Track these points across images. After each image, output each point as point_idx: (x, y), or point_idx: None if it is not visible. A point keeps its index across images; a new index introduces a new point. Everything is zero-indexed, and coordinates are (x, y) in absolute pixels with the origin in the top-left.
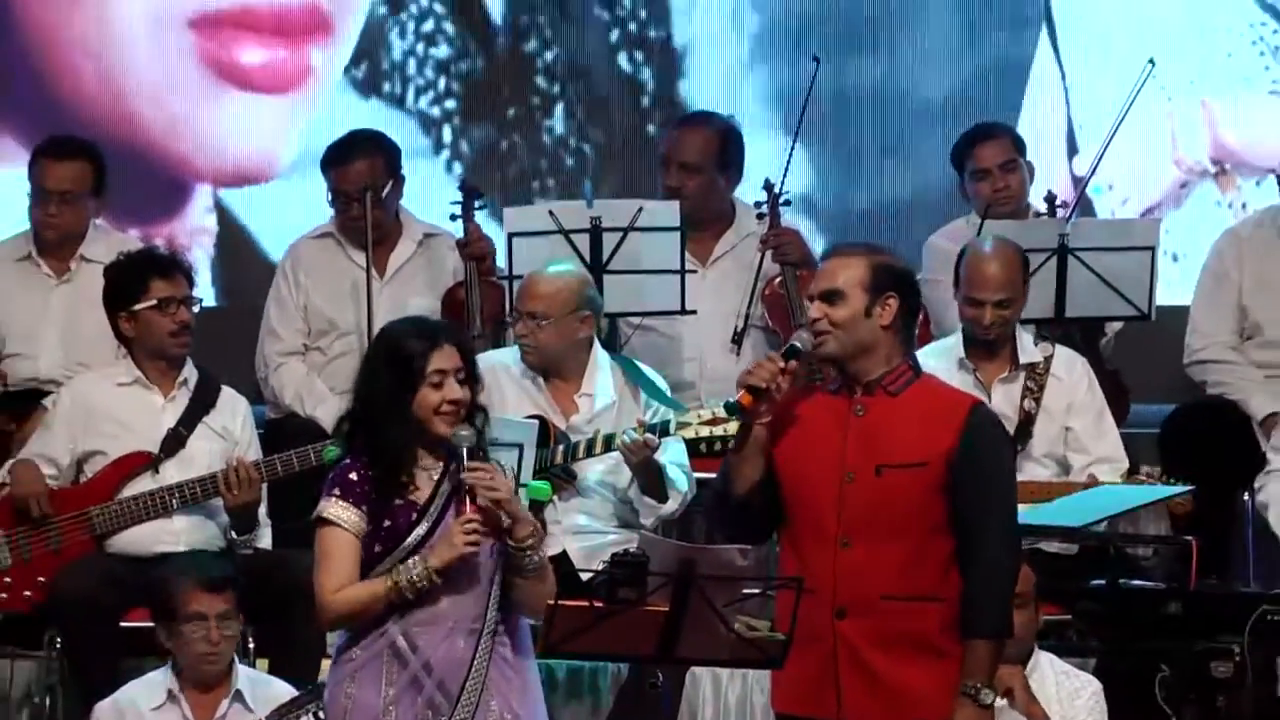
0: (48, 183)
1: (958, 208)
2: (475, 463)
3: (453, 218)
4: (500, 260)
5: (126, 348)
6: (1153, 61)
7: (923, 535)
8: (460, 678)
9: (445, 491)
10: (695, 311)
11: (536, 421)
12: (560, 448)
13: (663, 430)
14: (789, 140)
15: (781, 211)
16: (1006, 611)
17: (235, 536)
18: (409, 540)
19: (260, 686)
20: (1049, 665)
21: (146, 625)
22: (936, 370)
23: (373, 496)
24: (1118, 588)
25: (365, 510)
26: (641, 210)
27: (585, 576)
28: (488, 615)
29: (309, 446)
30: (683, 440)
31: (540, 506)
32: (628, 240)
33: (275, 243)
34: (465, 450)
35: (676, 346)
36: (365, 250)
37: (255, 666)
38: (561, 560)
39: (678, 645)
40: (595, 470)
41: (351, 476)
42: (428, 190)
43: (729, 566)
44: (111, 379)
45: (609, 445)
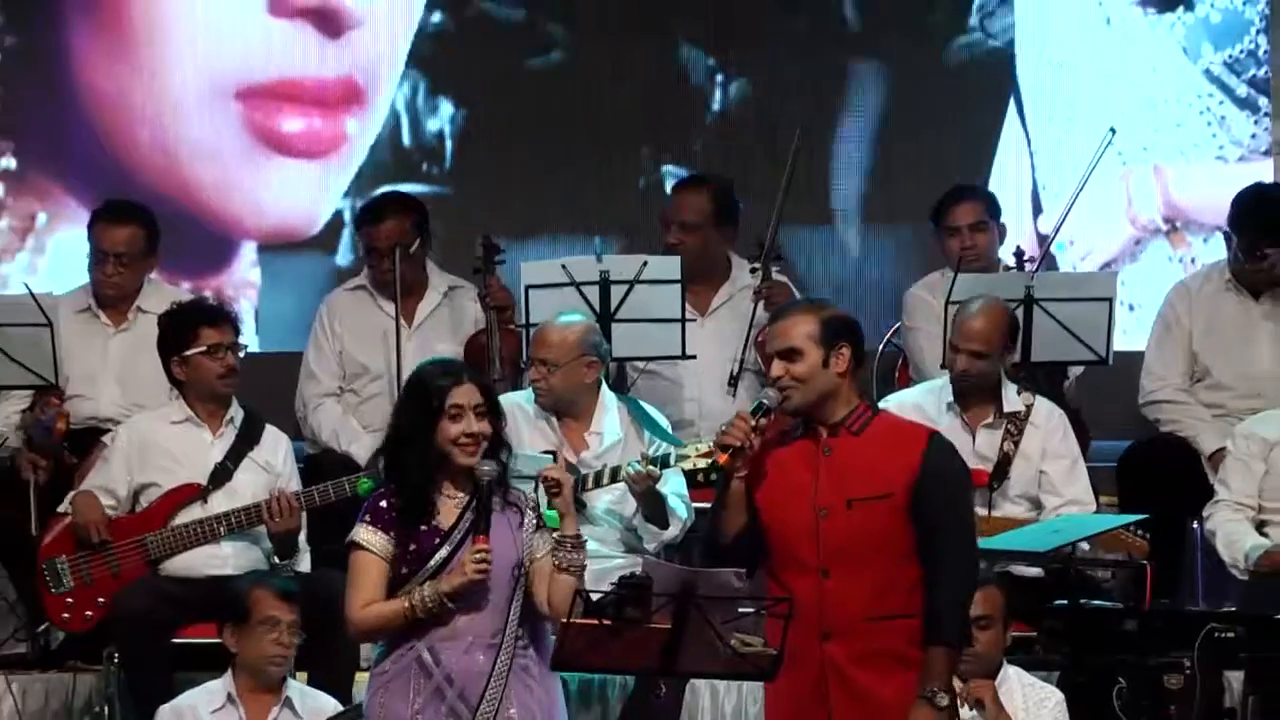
0: (105, 245)
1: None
2: (551, 470)
3: (475, 271)
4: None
5: (178, 389)
6: (1113, 130)
7: (893, 560)
8: (479, 688)
9: (468, 519)
10: (695, 356)
11: (550, 457)
12: (572, 480)
13: (664, 463)
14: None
15: (772, 266)
16: (965, 622)
17: (277, 560)
18: (432, 563)
19: (309, 698)
20: (1016, 678)
21: (198, 641)
22: (925, 409)
23: (400, 522)
24: (1079, 607)
25: (392, 535)
26: (646, 264)
27: (595, 597)
28: (506, 631)
29: (344, 479)
30: (682, 472)
31: (554, 533)
32: (634, 292)
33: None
34: (481, 484)
35: (678, 388)
36: (394, 302)
37: (294, 678)
38: None
39: (679, 659)
40: (603, 500)
41: (381, 504)
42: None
43: (725, 588)
44: (165, 418)
45: (615, 477)
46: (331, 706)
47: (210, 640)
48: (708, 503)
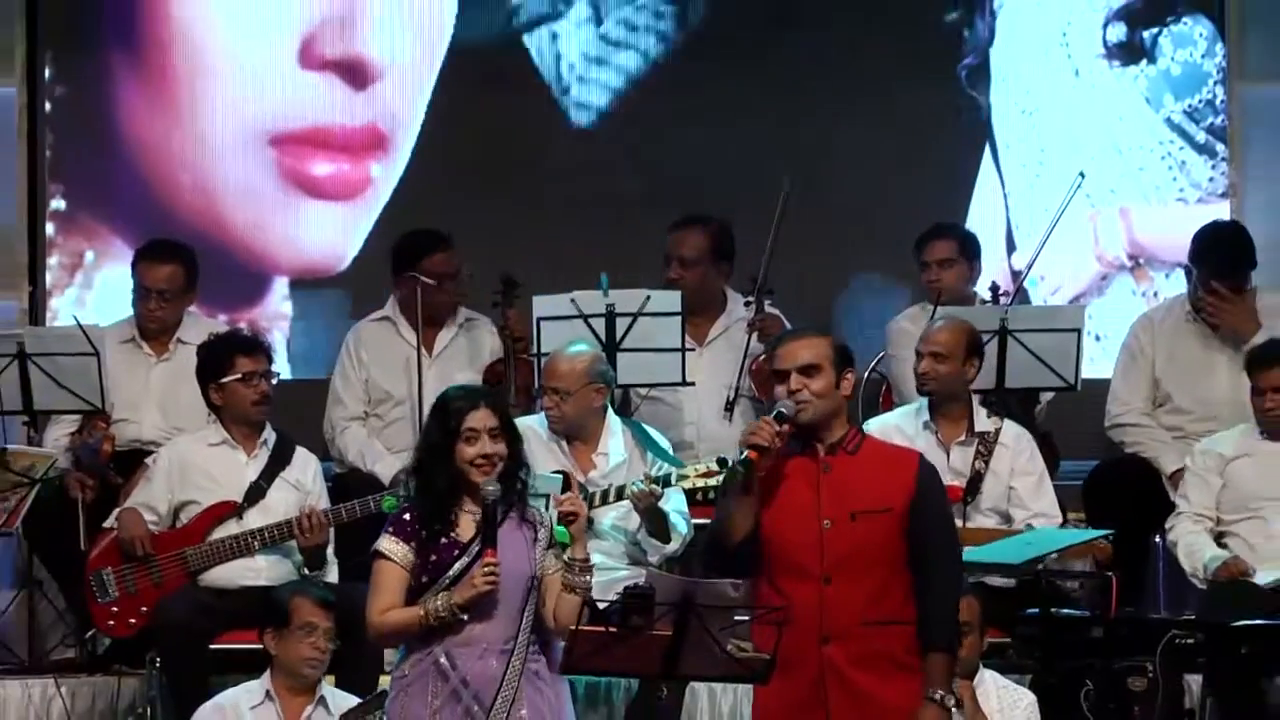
0: (148, 281)
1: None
2: (565, 495)
3: (494, 304)
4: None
5: (215, 414)
6: (1082, 174)
7: (889, 569)
8: (493, 691)
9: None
10: (694, 383)
11: (561, 476)
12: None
13: (665, 482)
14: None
15: (764, 300)
16: (958, 629)
17: (308, 572)
18: (450, 573)
19: (339, 698)
20: (991, 680)
21: (233, 647)
22: (904, 429)
23: (422, 534)
24: (1049, 615)
25: (414, 546)
26: (649, 298)
27: (601, 606)
28: (518, 638)
29: (369, 497)
30: (682, 491)
31: (565, 546)
32: (637, 324)
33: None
34: (484, 503)
35: (678, 413)
36: (416, 332)
37: (322, 680)
38: None
39: (679, 663)
40: (609, 516)
41: (405, 517)
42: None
43: (722, 597)
44: (203, 440)
45: (621, 495)
46: None
47: (244, 645)
48: (706, 519)
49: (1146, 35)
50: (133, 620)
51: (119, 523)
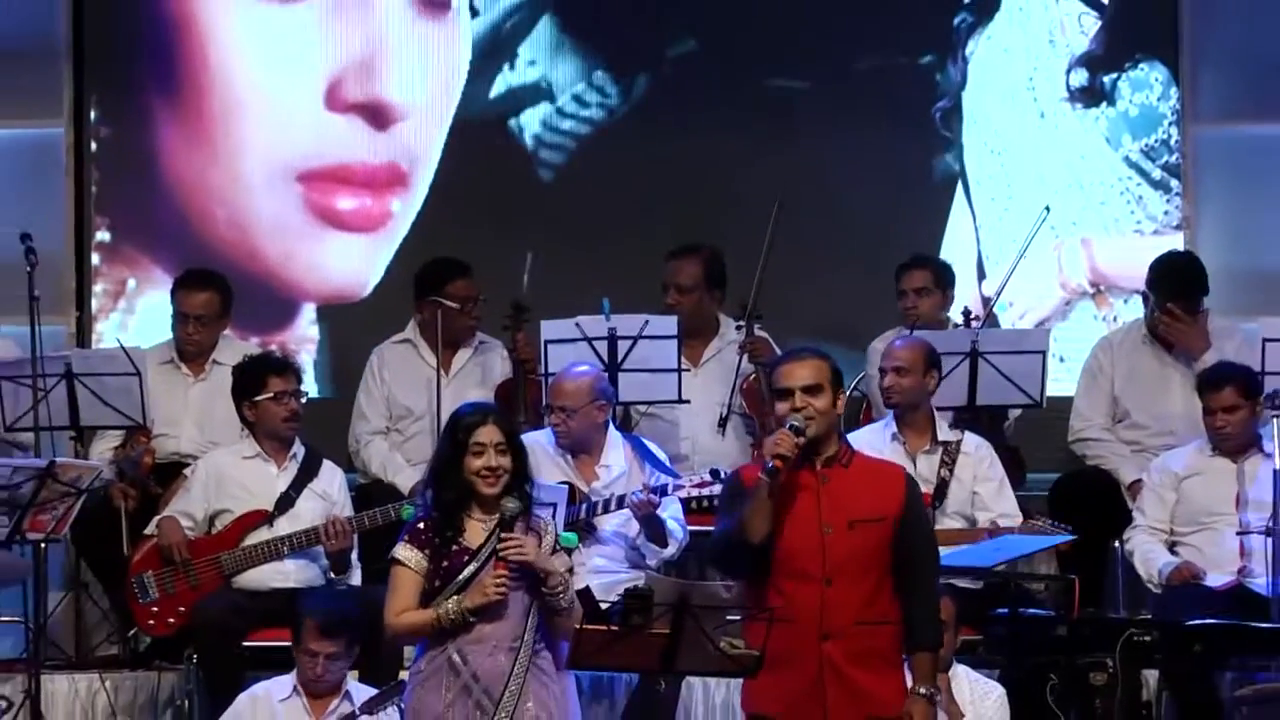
0: (185, 308)
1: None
2: (507, 535)
3: (504, 328)
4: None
5: (249, 429)
6: (1048, 209)
7: (880, 573)
8: (501, 686)
9: (493, 542)
10: (689, 401)
11: (566, 487)
12: (584, 506)
13: (662, 492)
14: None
15: (754, 324)
16: (941, 629)
17: (333, 575)
18: (460, 578)
19: (363, 692)
20: (964, 675)
21: (266, 644)
22: (872, 442)
23: (435, 542)
24: (1017, 615)
25: (427, 553)
26: (647, 323)
27: (604, 606)
28: (524, 637)
29: (390, 505)
30: (679, 500)
31: (570, 551)
32: (637, 346)
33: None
34: (504, 518)
35: (674, 428)
36: (436, 353)
37: (347, 676)
38: (585, 594)
39: (676, 659)
40: (611, 523)
41: (419, 526)
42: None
43: (716, 598)
44: (238, 453)
45: (621, 504)
46: None
47: (275, 643)
48: (699, 526)
49: (1106, 80)
50: (171, 620)
51: (159, 530)
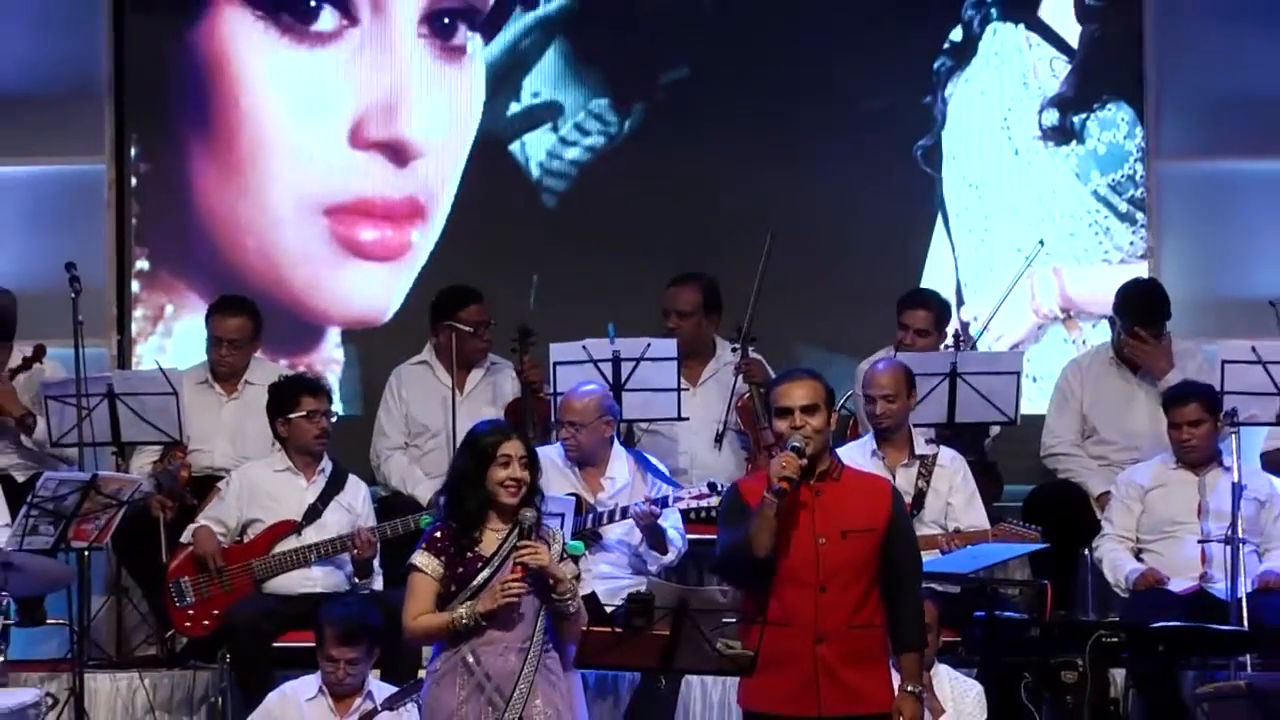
0: (219, 332)
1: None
2: (525, 542)
3: (512, 350)
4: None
5: (281, 444)
6: (1041, 242)
7: (869, 579)
8: (512, 683)
9: (506, 549)
10: (688, 418)
11: (573, 498)
12: (590, 516)
13: (663, 503)
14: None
15: (749, 347)
16: (925, 631)
17: (357, 581)
18: (475, 583)
19: (384, 689)
20: (945, 673)
21: (294, 645)
22: (855, 458)
23: (451, 549)
24: (994, 618)
25: (444, 560)
26: (649, 346)
27: (608, 610)
28: (534, 639)
29: (409, 516)
30: (679, 511)
31: (576, 558)
32: (639, 367)
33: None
34: (523, 528)
35: (674, 443)
36: (451, 374)
37: (369, 676)
38: (591, 598)
39: (675, 659)
40: (615, 532)
41: (436, 534)
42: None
43: (713, 602)
44: (269, 466)
45: (625, 514)
46: None
47: (303, 644)
48: (698, 535)
49: (1076, 120)
50: (206, 622)
51: (195, 538)
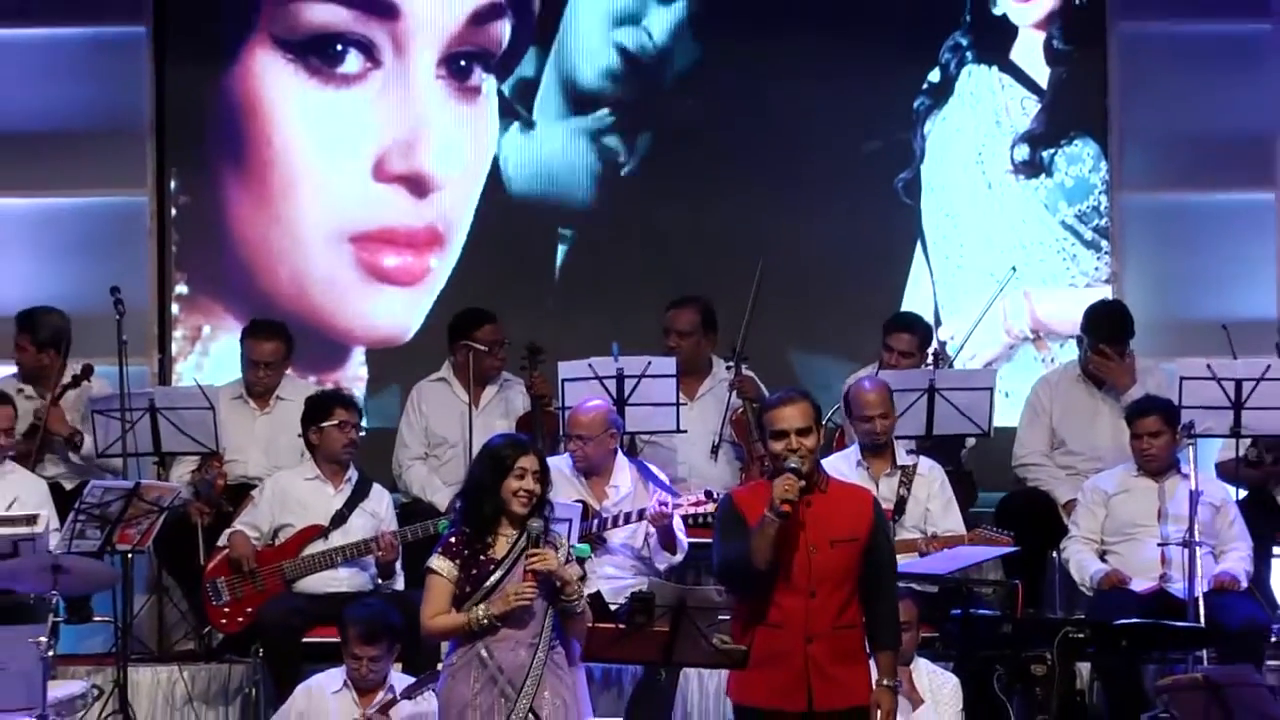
0: (255, 355)
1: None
2: (534, 550)
3: (521, 368)
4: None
5: (311, 452)
6: (1014, 268)
7: (852, 584)
8: (522, 676)
9: (516, 553)
10: (686, 431)
11: (580, 505)
12: (595, 521)
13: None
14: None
15: (742, 365)
16: (900, 631)
17: (380, 581)
18: (487, 584)
19: (405, 682)
20: (924, 666)
21: (322, 640)
22: (841, 467)
23: (465, 553)
24: (969, 615)
25: (458, 563)
26: (650, 364)
27: (612, 607)
28: (542, 635)
29: (429, 521)
30: (679, 516)
31: (582, 560)
32: (641, 384)
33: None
34: (531, 536)
35: (673, 454)
36: (468, 390)
37: (391, 670)
38: (596, 597)
39: (674, 653)
40: (619, 536)
41: (452, 539)
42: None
43: (709, 601)
44: (300, 474)
45: (629, 519)
46: None
47: (330, 640)
48: (697, 539)
49: (1045, 154)
50: (240, 619)
51: (230, 542)
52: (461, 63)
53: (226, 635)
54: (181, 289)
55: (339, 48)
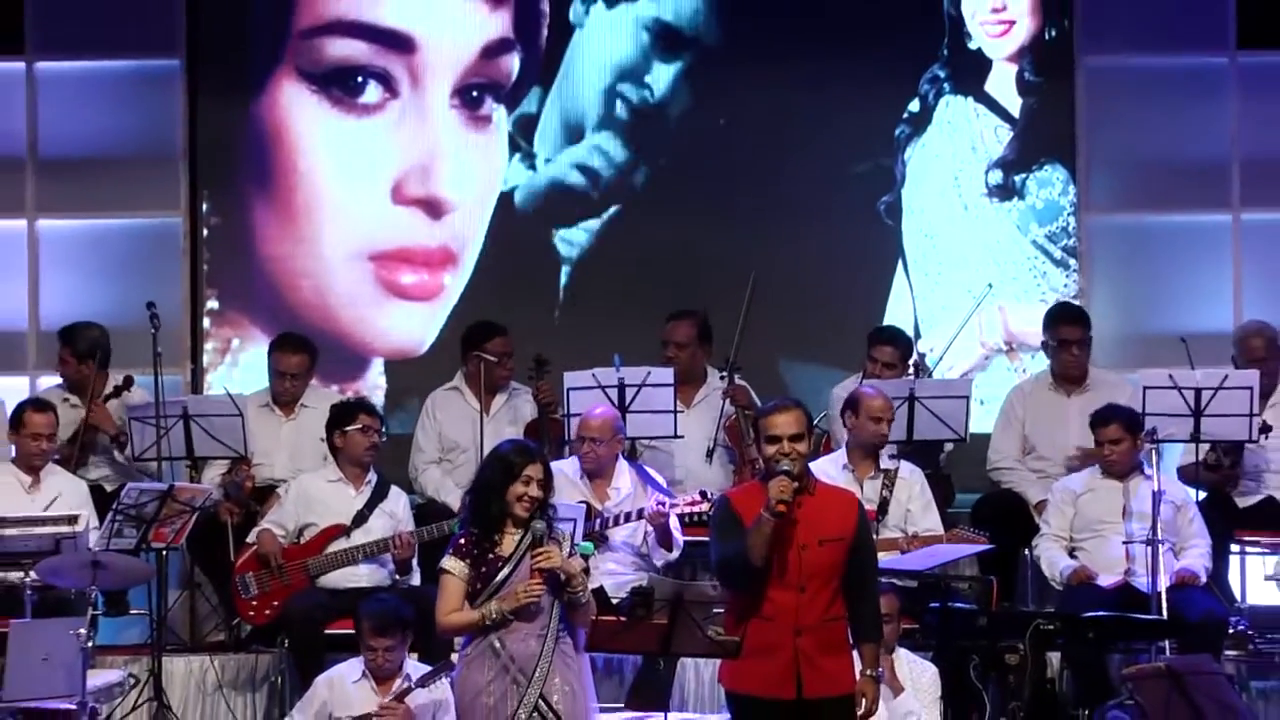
0: (281, 367)
1: None
2: (540, 549)
3: (529, 378)
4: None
5: (334, 455)
6: (990, 285)
7: (838, 581)
8: (533, 665)
9: (521, 551)
10: (683, 436)
11: (584, 505)
12: (598, 521)
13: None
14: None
15: (735, 374)
16: (882, 624)
17: (398, 578)
18: (495, 581)
19: (421, 671)
20: (905, 656)
21: (342, 632)
22: (828, 470)
23: (475, 552)
24: (947, 608)
25: (469, 562)
26: (649, 374)
27: (614, 601)
28: (551, 626)
29: (443, 521)
30: (675, 515)
31: (586, 557)
32: (641, 392)
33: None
34: (535, 537)
35: (671, 458)
36: (479, 398)
37: (407, 659)
38: (599, 592)
39: (672, 644)
40: (620, 535)
41: (462, 540)
42: None
43: (704, 595)
44: (323, 476)
45: (629, 519)
46: None
47: (350, 632)
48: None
49: (1017, 179)
50: (268, 612)
51: (258, 539)
52: (474, 93)
53: (254, 627)
54: (213, 304)
55: (359, 79)
